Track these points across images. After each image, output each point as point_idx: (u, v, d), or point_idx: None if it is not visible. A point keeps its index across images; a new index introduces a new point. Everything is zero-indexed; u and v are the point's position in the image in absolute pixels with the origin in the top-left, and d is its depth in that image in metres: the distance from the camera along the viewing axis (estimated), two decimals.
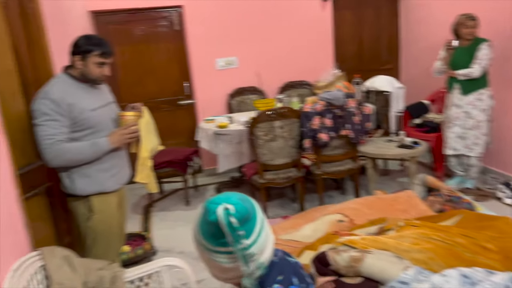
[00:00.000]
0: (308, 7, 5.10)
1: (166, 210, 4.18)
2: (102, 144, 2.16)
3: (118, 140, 2.21)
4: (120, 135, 2.21)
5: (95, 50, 2.13)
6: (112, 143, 2.19)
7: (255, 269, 1.14)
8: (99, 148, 2.14)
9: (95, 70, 2.16)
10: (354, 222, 3.02)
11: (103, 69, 2.19)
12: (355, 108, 3.63)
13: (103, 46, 2.16)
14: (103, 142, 2.16)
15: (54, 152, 2.02)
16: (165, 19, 4.85)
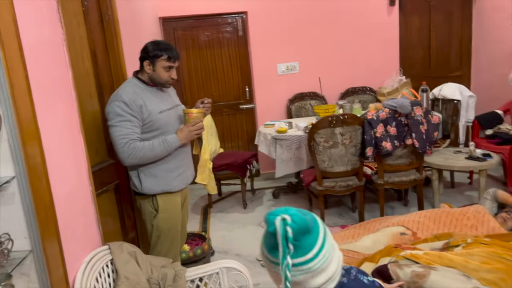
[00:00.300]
0: (373, 12, 4.98)
1: (224, 211, 4.25)
2: (172, 141, 2.25)
3: (185, 136, 2.29)
4: (188, 131, 2.29)
5: (163, 55, 2.23)
6: (180, 139, 2.28)
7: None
8: (168, 145, 2.24)
9: (163, 74, 2.26)
10: (417, 236, 2.90)
11: (171, 73, 2.28)
12: (422, 117, 3.48)
13: (171, 51, 2.25)
14: (173, 139, 2.26)
15: (129, 150, 2.13)
16: (229, 25, 4.96)
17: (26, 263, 1.41)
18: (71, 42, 2.06)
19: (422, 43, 5.30)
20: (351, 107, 4.21)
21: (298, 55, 4.99)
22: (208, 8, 4.75)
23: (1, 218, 1.39)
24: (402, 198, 4.09)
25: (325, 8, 4.90)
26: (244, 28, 4.96)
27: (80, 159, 1.89)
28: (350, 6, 4.92)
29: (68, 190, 1.72)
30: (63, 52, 1.82)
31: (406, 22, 5.18)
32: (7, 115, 1.35)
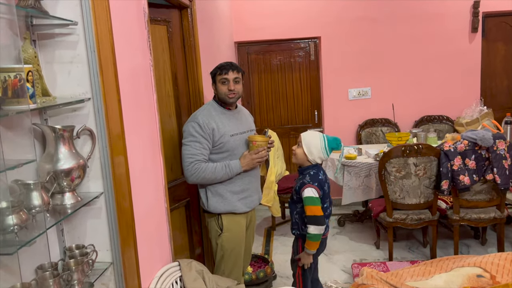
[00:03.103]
0: (454, 38, 4.78)
1: (287, 235, 4.22)
2: (234, 166, 2.32)
3: (247, 163, 2.35)
4: (250, 159, 2.34)
5: (218, 71, 2.37)
6: (242, 166, 2.34)
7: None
8: (230, 170, 2.31)
9: (221, 88, 2.36)
10: (496, 280, 2.68)
11: (228, 86, 2.34)
12: (505, 151, 3.24)
13: (223, 65, 2.37)
14: (235, 165, 2.32)
15: (193, 170, 2.24)
16: (302, 49, 5.02)
17: (107, 274, 1.50)
18: (156, 66, 2.22)
19: (506, 71, 4.97)
20: (426, 136, 4.03)
21: (371, 80, 4.90)
22: (282, 33, 4.86)
23: (88, 230, 1.50)
24: (480, 236, 3.80)
25: (401, 33, 4.79)
26: (316, 53, 4.99)
27: (159, 176, 2.00)
28: (429, 31, 4.77)
29: (147, 206, 1.83)
30: (150, 76, 1.96)
31: (489, 49, 4.90)
32: (101, 136, 1.47)
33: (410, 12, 4.75)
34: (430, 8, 4.73)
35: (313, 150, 2.33)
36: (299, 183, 2.35)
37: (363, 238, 4.05)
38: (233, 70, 2.36)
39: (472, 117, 4.41)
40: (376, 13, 4.77)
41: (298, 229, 2.40)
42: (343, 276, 3.29)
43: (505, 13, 4.78)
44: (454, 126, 4.68)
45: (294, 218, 2.42)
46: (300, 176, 2.38)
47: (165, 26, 2.61)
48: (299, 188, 2.32)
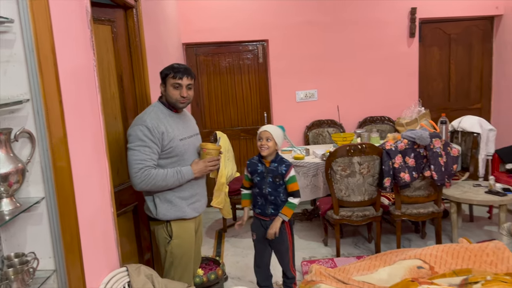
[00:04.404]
0: (394, 43, 5.04)
1: (239, 236, 4.24)
2: (186, 173, 2.28)
3: (200, 170, 2.33)
4: (204, 166, 2.33)
5: (170, 73, 2.29)
6: (195, 173, 2.31)
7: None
8: (182, 176, 2.26)
9: (172, 92, 2.29)
10: (434, 270, 2.85)
11: (180, 91, 2.28)
12: (441, 149, 3.46)
13: (176, 69, 2.29)
14: (187, 171, 2.28)
15: (142, 177, 2.15)
16: (250, 52, 5.07)
17: (49, 282, 1.44)
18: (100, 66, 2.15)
19: (441, 75, 5.31)
20: (369, 137, 4.21)
21: (317, 83, 5.05)
22: (231, 35, 4.88)
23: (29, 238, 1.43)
24: (419, 230, 4.02)
25: (345, 38, 4.98)
26: (265, 55, 5.06)
27: (104, 180, 1.95)
28: (370, 36, 4.99)
29: (93, 211, 1.77)
30: (93, 77, 1.90)
31: (426, 54, 5.21)
32: (41, 138, 1.41)
33: (353, 18, 4.95)
34: (372, 15, 4.95)
35: (280, 141, 2.67)
36: (281, 168, 2.64)
37: (312, 236, 4.16)
38: (188, 76, 2.31)
39: (411, 118, 4.67)
40: (322, 18, 4.92)
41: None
42: None
43: (439, 19, 5.10)
44: (395, 126, 4.92)
45: (280, 200, 2.66)
46: (275, 164, 2.66)
47: (109, 26, 2.54)
48: (285, 171, 2.63)
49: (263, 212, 2.72)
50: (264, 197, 2.69)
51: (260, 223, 2.77)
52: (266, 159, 2.68)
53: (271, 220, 2.71)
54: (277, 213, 2.69)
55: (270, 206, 2.70)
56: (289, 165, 2.66)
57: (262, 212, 2.72)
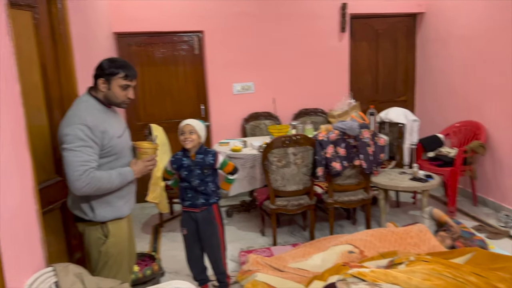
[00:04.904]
0: (325, 37, 5.19)
1: (176, 231, 4.18)
2: (127, 175, 2.18)
3: (140, 170, 2.25)
4: (143, 166, 2.25)
5: (119, 72, 2.13)
6: (136, 173, 2.22)
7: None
8: (124, 178, 2.16)
9: (119, 93, 2.16)
10: (364, 254, 3.00)
11: (127, 92, 2.19)
12: (370, 139, 3.64)
13: (128, 69, 2.17)
14: (128, 173, 2.19)
15: (88, 179, 1.98)
16: (185, 43, 4.99)
17: None
18: (19, 55, 2.00)
19: (370, 68, 5.58)
20: (304, 128, 4.33)
21: (254, 75, 5.09)
22: (165, 25, 4.76)
23: None
24: (351, 217, 4.22)
25: (280, 31, 5.05)
26: (201, 47, 5.00)
27: (26, 176, 1.82)
28: (304, 30, 5.11)
29: (11, 209, 1.65)
30: (11, 65, 1.77)
31: (356, 48, 5.44)
32: None
33: (288, 11, 5.03)
34: (305, 9, 5.07)
35: (203, 133, 2.74)
36: (208, 158, 2.71)
37: (249, 226, 4.21)
38: (136, 77, 2.23)
39: (343, 110, 4.86)
40: (257, 10, 4.95)
41: (216, 196, 2.78)
42: (231, 265, 3.38)
43: (367, 15, 5.34)
44: (327, 118, 5.10)
45: (210, 190, 2.73)
46: (201, 156, 2.71)
47: (30, 12, 2.36)
48: (213, 161, 2.72)
49: (193, 204, 2.72)
50: (193, 189, 2.71)
51: (190, 217, 2.76)
52: (191, 152, 2.70)
53: (202, 212, 2.71)
54: (208, 202, 2.72)
55: (201, 196, 2.72)
56: (214, 153, 2.74)
57: (193, 204, 2.72)
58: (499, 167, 4.26)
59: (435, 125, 5.03)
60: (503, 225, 3.93)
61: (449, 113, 4.94)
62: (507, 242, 3.62)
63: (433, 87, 5.28)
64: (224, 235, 2.86)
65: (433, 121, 5.15)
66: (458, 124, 4.71)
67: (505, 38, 4.04)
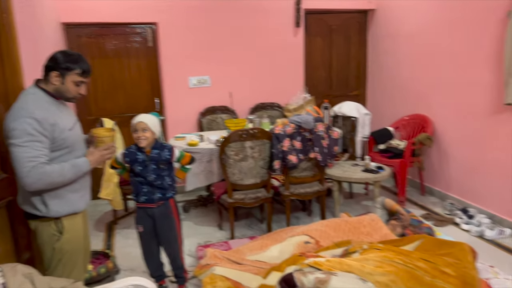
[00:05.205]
0: (281, 32, 5.24)
1: (131, 228, 4.09)
2: (82, 165, 2.11)
3: (97, 160, 2.17)
4: (100, 155, 2.18)
5: (76, 68, 2.06)
6: (91, 163, 2.15)
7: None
8: (79, 170, 2.09)
9: (72, 88, 2.09)
10: (320, 244, 3.08)
11: (80, 88, 2.13)
12: (324, 132, 3.73)
13: (84, 65, 2.10)
14: (84, 163, 2.11)
15: (37, 175, 1.91)
16: (138, 35, 4.86)
17: None
18: None
19: (324, 63, 5.70)
20: (260, 122, 4.36)
21: (210, 69, 5.04)
22: (116, 16, 4.61)
23: None
24: (306, 208, 4.31)
25: (236, 25, 5.04)
26: (154, 39, 4.89)
27: None
28: (259, 24, 5.12)
29: None
30: None
31: (311, 43, 5.53)
32: None
33: (242, 5, 5.03)
34: (260, 3, 5.08)
35: (157, 129, 2.65)
36: (164, 154, 2.65)
37: (207, 221, 4.19)
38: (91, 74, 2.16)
39: (298, 104, 4.94)
40: (212, 4, 4.91)
41: (172, 190, 2.73)
42: (189, 260, 3.36)
43: (321, 11, 5.44)
44: (283, 112, 5.16)
45: (167, 184, 2.68)
46: (156, 151, 2.64)
47: None
48: (169, 156, 2.66)
49: (149, 199, 2.66)
50: (149, 184, 2.65)
51: (146, 214, 2.70)
52: (146, 148, 2.65)
53: (158, 207, 2.67)
54: (165, 197, 2.67)
55: (157, 191, 2.67)
56: (170, 148, 2.69)
57: (149, 199, 2.66)
58: (444, 158, 4.50)
59: (386, 118, 5.23)
60: (448, 213, 4.17)
61: (399, 107, 5.15)
62: (452, 229, 3.84)
63: (384, 82, 5.48)
64: (181, 230, 2.83)
65: (384, 115, 5.35)
66: (407, 117, 4.93)
67: (450, 35, 4.26)
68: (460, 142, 4.25)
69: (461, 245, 2.84)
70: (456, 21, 4.17)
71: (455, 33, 4.19)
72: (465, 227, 3.82)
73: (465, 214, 3.97)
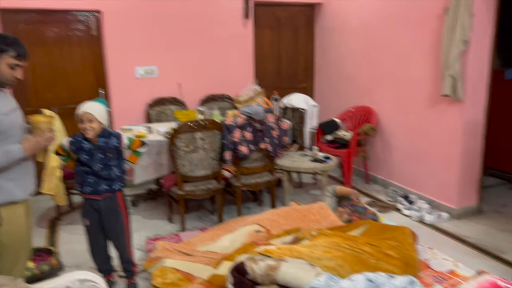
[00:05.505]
0: (230, 23, 5.22)
1: (75, 223, 3.93)
2: (16, 152, 2.01)
3: (32, 147, 2.08)
4: (35, 142, 2.09)
5: (9, 50, 1.99)
6: (26, 150, 2.05)
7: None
8: (12, 156, 2.00)
9: (7, 71, 2.01)
10: (270, 233, 3.13)
11: (16, 72, 2.04)
12: (274, 123, 3.77)
13: (19, 47, 2.03)
14: (17, 150, 2.02)
15: None
16: (81, 23, 4.64)
17: None
18: None
19: (273, 56, 5.75)
20: (211, 114, 4.33)
21: (158, 59, 4.93)
22: (56, 2, 4.38)
23: None
24: (257, 199, 4.35)
25: (184, 15, 4.95)
26: (98, 28, 4.70)
27: None
28: (208, 15, 5.07)
29: None
30: None
31: (260, 36, 5.55)
32: None
33: None
34: None
35: (104, 118, 2.55)
36: (111, 141, 2.55)
37: (156, 214, 4.12)
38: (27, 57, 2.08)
39: (248, 96, 4.96)
40: None
41: (120, 182, 2.62)
42: (138, 254, 3.28)
43: (270, 3, 5.48)
44: (234, 103, 5.16)
45: (114, 174, 2.58)
46: (103, 139, 2.54)
47: None
48: (118, 143, 2.57)
49: (95, 190, 2.55)
50: (95, 174, 2.55)
51: (91, 206, 2.60)
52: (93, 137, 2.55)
53: (104, 199, 2.58)
54: (112, 189, 2.58)
55: (104, 182, 2.57)
56: (118, 135, 2.61)
57: (94, 190, 2.55)
58: (387, 147, 4.71)
59: (333, 110, 5.38)
60: (391, 200, 4.38)
61: (345, 99, 5.32)
62: (395, 215, 4.04)
63: (331, 75, 5.63)
64: (129, 223, 2.75)
65: (331, 107, 5.50)
66: (353, 109, 5.10)
67: (392, 30, 4.45)
68: (402, 132, 4.47)
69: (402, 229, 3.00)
70: (398, 17, 4.36)
71: (397, 28, 4.38)
72: (406, 212, 4.03)
73: (407, 200, 4.19)
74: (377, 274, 2.20)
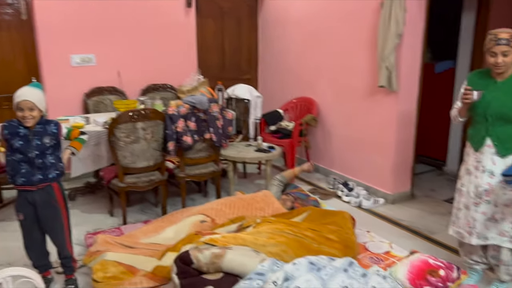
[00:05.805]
0: (172, 11, 5.10)
1: (7, 220, 3.69)
2: None
3: None
4: None
5: None
6: None
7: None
8: None
9: None
10: (215, 222, 3.14)
11: None
12: (218, 113, 3.76)
13: None
14: None
15: None
16: (9, 6, 4.32)
17: None
18: None
19: (217, 46, 5.71)
20: (152, 104, 4.22)
21: (95, 47, 4.71)
22: None
23: None
24: (202, 189, 4.33)
25: (121, 2, 4.76)
26: (29, 12, 4.40)
27: None
28: (148, 2, 4.91)
29: None
30: None
31: (203, 25, 5.48)
32: None
33: None
34: None
35: (44, 105, 2.46)
36: (50, 128, 2.46)
37: (96, 208, 3.97)
38: None
39: (192, 85, 4.89)
40: None
41: (55, 170, 2.49)
42: (77, 248, 3.14)
43: None
44: (177, 93, 5.07)
45: (49, 162, 2.46)
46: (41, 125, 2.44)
47: None
48: (57, 130, 2.48)
49: (28, 180, 2.40)
50: (29, 162, 2.40)
51: (26, 199, 2.45)
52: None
53: (39, 190, 2.44)
54: (46, 179, 2.45)
55: (38, 172, 2.43)
56: (57, 123, 2.53)
57: (28, 180, 2.40)
58: (328, 137, 4.87)
59: (276, 101, 5.46)
60: (331, 187, 4.54)
61: (287, 90, 5.41)
62: (335, 201, 4.20)
63: (274, 66, 5.70)
64: (68, 217, 2.63)
65: (274, 98, 5.57)
66: (295, 100, 5.20)
67: (332, 23, 4.58)
68: (341, 122, 4.64)
69: (342, 214, 3.13)
70: (337, 10, 4.49)
71: (337, 21, 4.52)
72: (346, 198, 4.20)
73: (346, 187, 4.36)
74: (319, 257, 2.29)
